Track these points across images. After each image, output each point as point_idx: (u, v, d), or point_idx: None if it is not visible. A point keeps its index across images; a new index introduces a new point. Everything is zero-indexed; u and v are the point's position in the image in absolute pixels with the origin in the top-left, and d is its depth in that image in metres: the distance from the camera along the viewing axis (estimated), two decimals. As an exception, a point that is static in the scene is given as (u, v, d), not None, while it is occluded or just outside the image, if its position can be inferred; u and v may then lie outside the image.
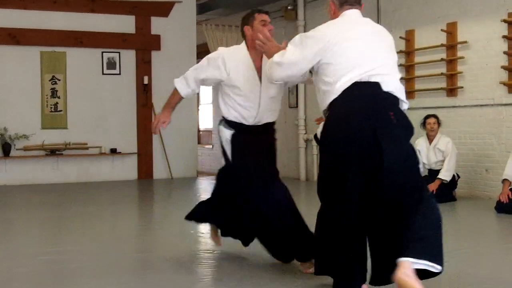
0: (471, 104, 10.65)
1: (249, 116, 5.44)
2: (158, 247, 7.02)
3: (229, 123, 5.54)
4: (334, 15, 4.88)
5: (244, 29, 5.47)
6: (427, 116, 10.41)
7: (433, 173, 10.21)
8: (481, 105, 10.47)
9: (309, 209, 10.42)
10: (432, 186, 9.89)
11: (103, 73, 14.29)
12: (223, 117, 5.64)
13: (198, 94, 17.00)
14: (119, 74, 14.40)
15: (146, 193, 12.64)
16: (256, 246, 5.98)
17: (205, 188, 12.91)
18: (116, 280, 5.19)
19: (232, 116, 5.50)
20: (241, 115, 5.45)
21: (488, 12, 10.32)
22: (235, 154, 5.48)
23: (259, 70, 5.37)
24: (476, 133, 10.54)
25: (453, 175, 10.13)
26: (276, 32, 15.76)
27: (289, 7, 14.45)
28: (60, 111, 13.91)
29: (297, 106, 14.49)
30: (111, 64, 14.32)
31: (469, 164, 10.55)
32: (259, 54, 5.29)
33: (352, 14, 4.68)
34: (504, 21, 10.00)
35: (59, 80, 13.92)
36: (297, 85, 14.42)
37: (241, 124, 5.47)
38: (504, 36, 10.01)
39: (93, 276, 5.36)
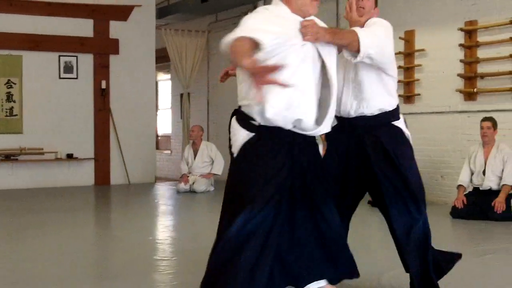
0: (428, 111, 10.81)
1: None
2: (115, 254, 7.01)
3: None
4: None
5: None
6: None
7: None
8: (438, 112, 10.64)
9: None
10: None
11: (60, 77, 14.14)
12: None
13: (156, 99, 16.98)
14: (76, 78, 14.27)
15: (103, 200, 12.57)
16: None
17: (162, 194, 12.88)
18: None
19: None
20: None
21: (445, 21, 10.48)
22: None
23: None
24: (433, 139, 10.69)
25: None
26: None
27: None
28: (16, 115, 13.75)
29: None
30: (68, 68, 14.19)
31: (426, 170, 10.65)
32: None
33: None
34: (461, 29, 10.18)
35: (15, 84, 13.75)
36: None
37: None
38: (460, 45, 10.19)
39: (50, 285, 5.33)
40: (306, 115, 3.95)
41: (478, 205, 8.86)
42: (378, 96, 4.41)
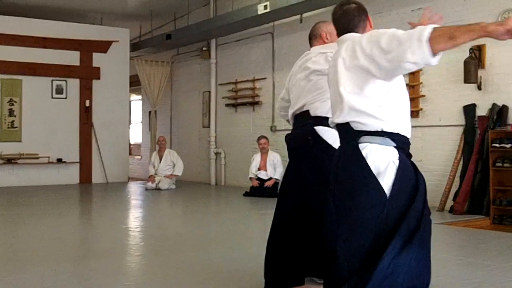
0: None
1: None
2: (94, 239, 6.89)
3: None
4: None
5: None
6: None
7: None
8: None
9: (219, 208, 10.45)
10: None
11: (52, 97, 13.95)
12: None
13: (130, 115, 16.83)
14: (66, 98, 14.10)
15: (86, 195, 12.35)
16: (181, 246, 5.91)
17: (134, 191, 12.75)
18: (54, 268, 4.99)
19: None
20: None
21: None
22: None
23: None
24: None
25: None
26: (193, 68, 15.80)
27: (204, 48, 14.44)
28: (16, 127, 13.53)
29: (209, 126, 14.47)
30: (59, 90, 14.03)
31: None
32: None
33: None
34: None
35: (16, 102, 13.54)
36: (209, 109, 14.43)
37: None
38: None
39: (39, 263, 5.18)
40: None
41: None
42: None
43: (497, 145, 7.77)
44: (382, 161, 2.81)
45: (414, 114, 9.37)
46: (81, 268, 5.10)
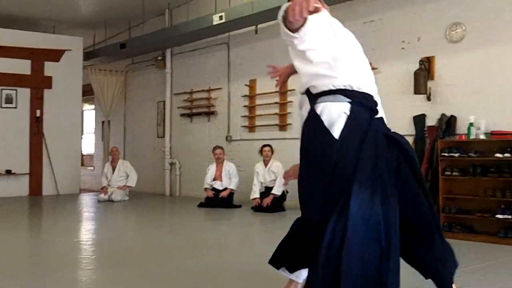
0: (297, 136, 10.92)
1: None
2: (44, 253, 6.79)
3: None
4: None
5: None
6: (264, 145, 10.70)
7: (268, 190, 10.48)
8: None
9: (173, 219, 10.43)
10: (267, 200, 10.17)
11: (1, 107, 13.71)
12: None
13: (82, 125, 16.69)
14: (16, 108, 13.87)
15: (36, 208, 12.14)
16: (134, 258, 5.89)
17: (86, 203, 12.61)
18: (2, 284, 4.92)
19: None
20: None
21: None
22: None
23: None
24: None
25: (283, 191, 10.43)
26: (147, 77, 15.79)
27: (159, 58, 14.43)
28: (-36, 138, 13.27)
29: (164, 136, 14.45)
30: (9, 100, 13.80)
31: (295, 181, 10.82)
32: None
33: None
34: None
35: (-36, 112, 13.29)
36: (164, 119, 14.41)
37: None
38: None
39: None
40: None
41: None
42: None
43: (446, 154, 7.96)
44: (333, 114, 3.03)
45: (367, 124, 9.55)
46: (30, 283, 5.04)
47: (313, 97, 3.16)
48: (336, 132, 2.99)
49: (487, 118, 7.87)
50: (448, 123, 8.32)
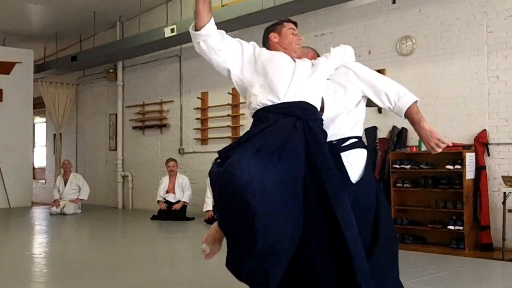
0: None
1: None
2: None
3: None
4: None
5: (270, 36, 3.60)
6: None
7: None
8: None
9: (126, 232, 10.28)
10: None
11: (-50, 120, 13.37)
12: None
13: (33, 138, 16.39)
14: (-35, 120, 13.53)
15: (-14, 221, 11.84)
16: (86, 271, 5.74)
17: (38, 216, 12.35)
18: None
19: None
20: None
21: (220, 87, 10.70)
22: None
23: None
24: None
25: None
26: (99, 90, 15.55)
27: (110, 70, 14.26)
28: None
29: (116, 149, 14.26)
30: (-42, 112, 13.44)
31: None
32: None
33: None
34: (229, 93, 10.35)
35: None
36: (116, 132, 14.24)
37: None
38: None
39: None
40: None
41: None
42: None
43: (397, 166, 8.06)
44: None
45: (319, 136, 9.61)
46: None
47: None
48: None
49: (438, 130, 7.89)
50: (399, 135, 8.42)
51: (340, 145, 3.38)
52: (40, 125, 18.40)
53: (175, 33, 10.94)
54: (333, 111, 3.43)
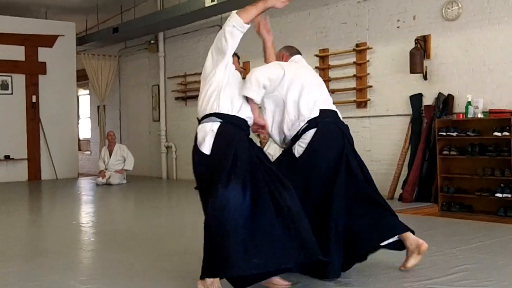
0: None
1: None
2: (45, 236, 6.73)
3: None
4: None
5: None
6: None
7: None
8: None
9: (170, 202, 10.37)
10: None
11: (-3, 93, 13.64)
12: None
13: (78, 110, 16.60)
14: (11, 94, 13.72)
15: (35, 192, 12.06)
16: (133, 240, 5.80)
17: (84, 187, 12.56)
18: (3, 266, 4.84)
19: None
20: None
21: (304, 49, 10.57)
22: None
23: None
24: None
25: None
26: (141, 61, 15.61)
27: (152, 41, 14.27)
28: (-39, 124, 13.16)
29: (159, 120, 14.33)
30: (5, 86, 13.65)
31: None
32: None
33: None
34: (316, 55, 10.23)
35: (-39, 98, 13.16)
36: (158, 103, 14.29)
37: None
38: (316, 67, 10.21)
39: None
40: None
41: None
42: None
43: (443, 133, 7.90)
44: (203, 133, 3.92)
45: (362, 104, 9.47)
46: (31, 265, 4.96)
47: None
48: (206, 148, 3.92)
49: (485, 97, 7.80)
50: (445, 102, 8.23)
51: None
52: (84, 97, 18.58)
53: (215, 2, 10.85)
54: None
